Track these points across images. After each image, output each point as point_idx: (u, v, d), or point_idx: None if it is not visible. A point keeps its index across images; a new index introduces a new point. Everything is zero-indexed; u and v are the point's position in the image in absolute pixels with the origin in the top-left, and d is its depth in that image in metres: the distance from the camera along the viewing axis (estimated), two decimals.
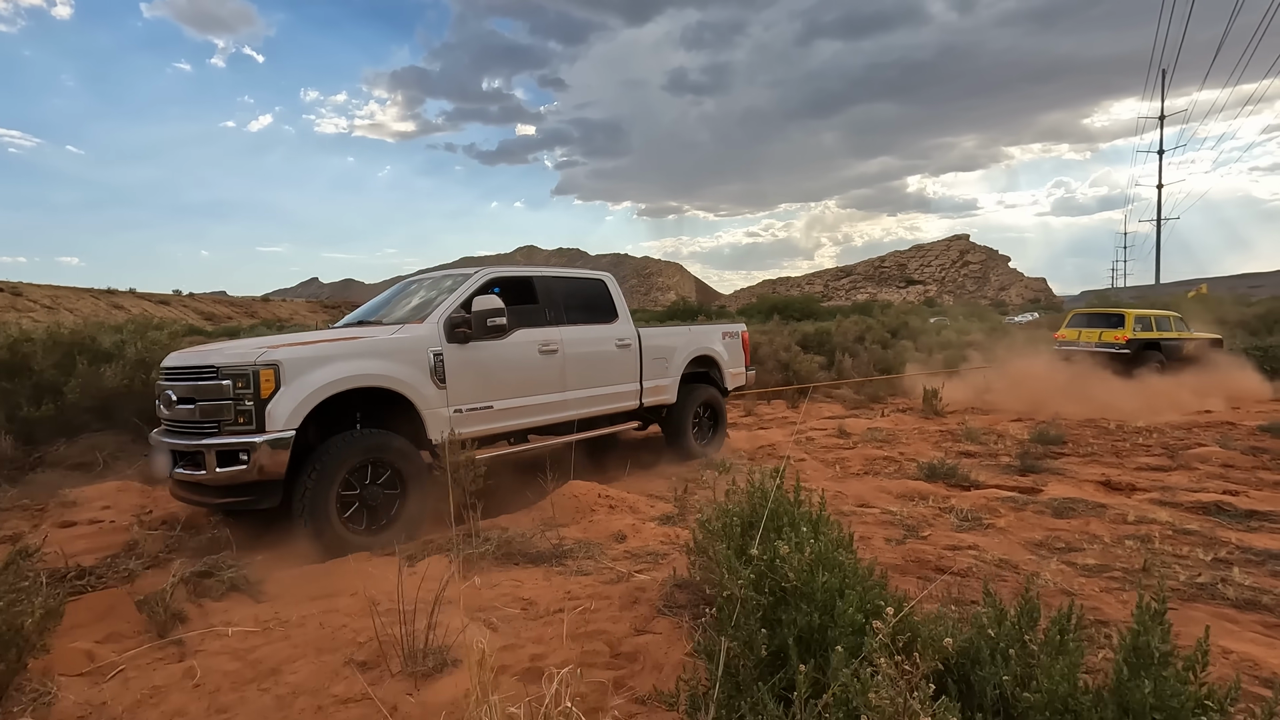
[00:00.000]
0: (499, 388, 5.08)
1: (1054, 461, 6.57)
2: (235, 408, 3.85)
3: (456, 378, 4.74)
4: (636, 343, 6.34)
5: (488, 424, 5.00)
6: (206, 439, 3.88)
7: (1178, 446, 7.17)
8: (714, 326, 7.61)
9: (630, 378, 6.29)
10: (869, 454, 7.07)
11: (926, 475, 5.85)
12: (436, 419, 4.62)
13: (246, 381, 3.85)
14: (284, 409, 3.90)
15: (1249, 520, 4.58)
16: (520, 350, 5.27)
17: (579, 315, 5.92)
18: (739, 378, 7.61)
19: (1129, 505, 4.91)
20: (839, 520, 2.80)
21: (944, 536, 4.29)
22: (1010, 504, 4.95)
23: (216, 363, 3.95)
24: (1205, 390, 11.27)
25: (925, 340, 18.93)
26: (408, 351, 4.55)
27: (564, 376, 5.61)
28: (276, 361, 3.93)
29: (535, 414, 5.40)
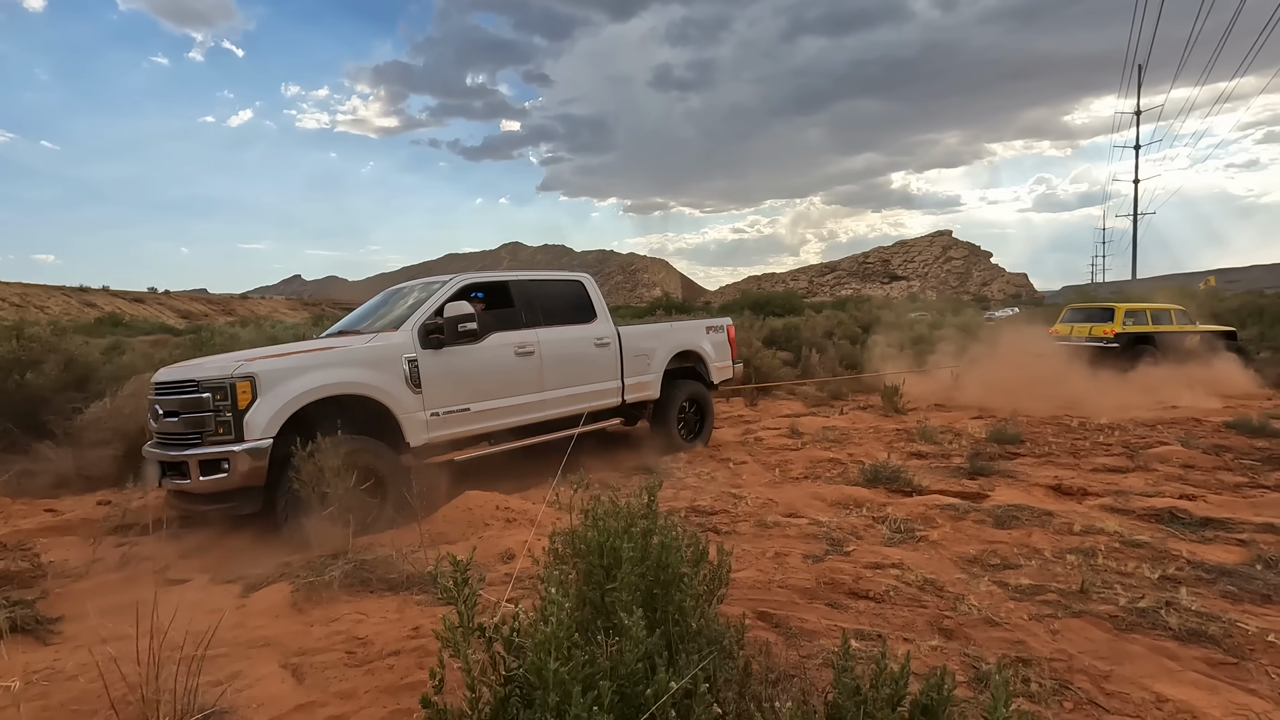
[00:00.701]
0: (475, 391, 5.20)
1: (1007, 463, 6.17)
2: (215, 419, 4.06)
3: (432, 383, 4.90)
4: (616, 341, 6.42)
5: (465, 426, 5.13)
6: (190, 449, 4.08)
7: (1139, 445, 6.81)
8: (698, 322, 7.64)
9: (610, 376, 6.38)
10: (815, 456, 6.64)
11: (867, 480, 5.43)
12: (413, 423, 4.77)
13: (224, 394, 4.05)
14: (261, 418, 4.10)
15: (1203, 529, 4.19)
16: (496, 353, 5.38)
17: (557, 316, 6.02)
18: (725, 372, 7.65)
19: (1077, 513, 4.51)
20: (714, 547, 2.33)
21: (870, 552, 3.86)
22: (950, 512, 4.53)
23: (196, 377, 4.16)
24: (1190, 385, 10.97)
25: (898, 335, 18.61)
26: (382, 359, 4.71)
27: (542, 377, 5.71)
28: (253, 374, 4.13)
29: (513, 415, 5.50)
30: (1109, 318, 13.15)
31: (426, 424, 4.86)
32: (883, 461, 5.65)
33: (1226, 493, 5.05)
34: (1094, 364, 12.42)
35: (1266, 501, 4.68)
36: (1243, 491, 5.06)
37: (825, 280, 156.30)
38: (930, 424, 8.43)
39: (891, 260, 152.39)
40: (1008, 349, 14.89)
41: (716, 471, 6.15)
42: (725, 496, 5.18)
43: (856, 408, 10.25)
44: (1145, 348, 12.71)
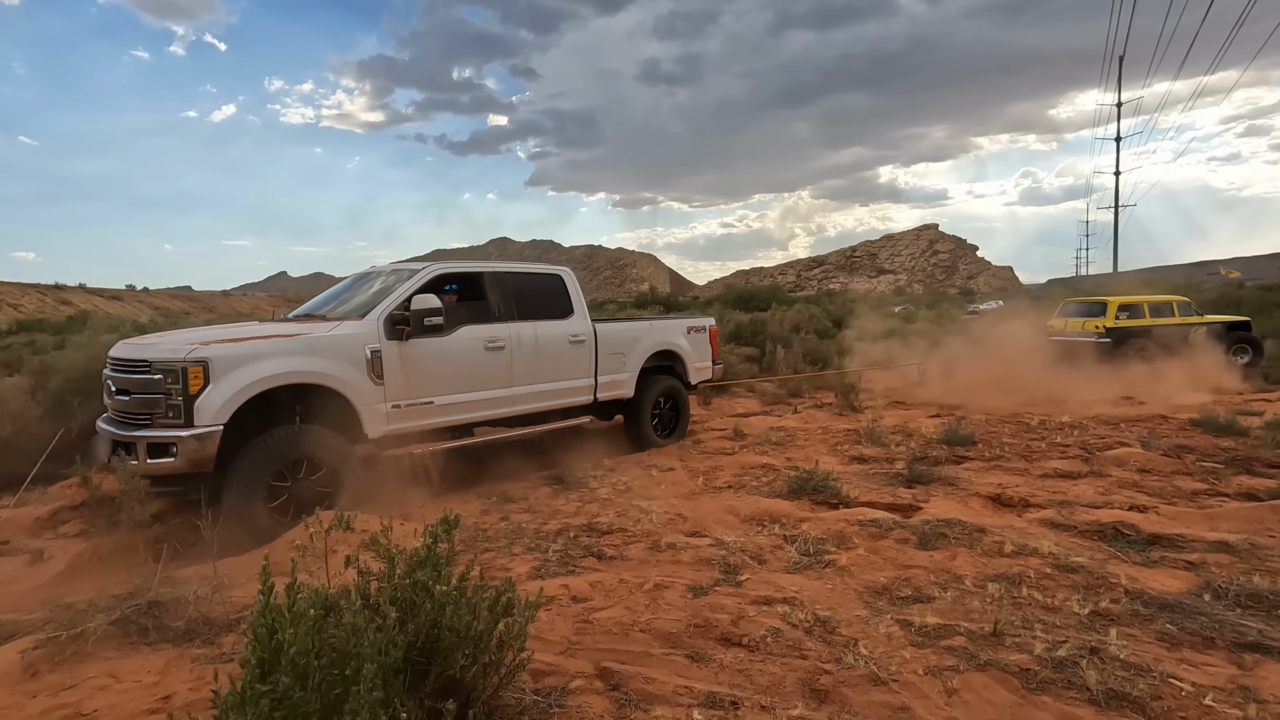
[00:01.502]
0: (440, 384, 5.10)
1: (952, 468, 5.67)
2: (165, 402, 3.97)
3: (395, 374, 4.80)
4: (592, 338, 6.29)
5: (427, 419, 5.03)
6: (139, 430, 4.02)
7: (1097, 446, 6.33)
8: (678, 320, 7.57)
9: (584, 373, 6.26)
10: (749, 461, 6.11)
11: (792, 490, 4.91)
12: (373, 414, 4.69)
13: (176, 377, 3.95)
14: (212, 405, 3.99)
15: (1150, 549, 3.69)
16: (464, 346, 5.26)
17: (531, 311, 5.86)
18: (704, 371, 7.56)
19: (1014, 529, 4.01)
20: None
21: (765, 582, 3.33)
22: (871, 530, 4.01)
23: (149, 357, 4.08)
24: (1174, 379, 10.54)
25: (870, 329, 18.17)
26: (343, 349, 4.59)
27: (511, 372, 5.59)
28: (206, 359, 4.02)
29: (479, 409, 5.41)
30: (1101, 312, 12.81)
31: (387, 416, 4.76)
32: (811, 470, 5.13)
33: (1182, 502, 4.57)
34: (1085, 359, 11.98)
35: (1224, 513, 4.20)
36: (1200, 501, 4.58)
37: (813, 274, 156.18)
38: (883, 424, 7.94)
39: (878, 254, 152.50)
40: (981, 342, 14.47)
41: (637, 479, 5.61)
42: (632, 511, 4.64)
43: (813, 406, 9.75)
44: (1139, 341, 12.28)
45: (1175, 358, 11.62)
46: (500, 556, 3.81)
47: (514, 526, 4.40)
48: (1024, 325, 16.16)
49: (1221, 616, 2.86)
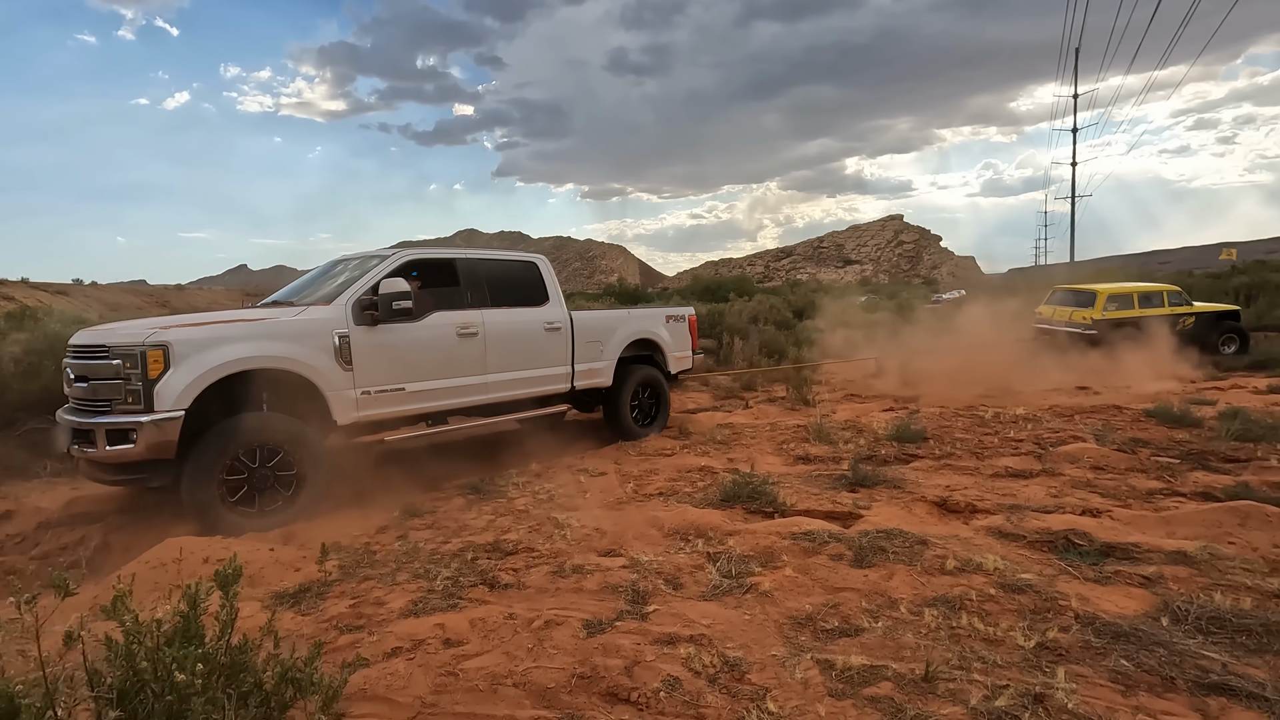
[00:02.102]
0: (411, 370, 5.00)
1: (900, 468, 5.32)
2: (125, 387, 3.89)
3: (364, 360, 4.70)
4: (568, 326, 6.20)
5: (398, 406, 4.95)
6: (98, 417, 3.93)
7: (1051, 441, 6.06)
8: (657, 310, 7.50)
9: (560, 361, 6.16)
10: (687, 464, 5.69)
11: (724, 498, 4.49)
12: (342, 401, 4.59)
13: (134, 361, 3.86)
14: (173, 390, 3.91)
15: (1103, 561, 3.36)
16: (436, 333, 5.18)
17: (506, 298, 5.78)
18: (684, 361, 7.50)
19: (959, 540, 3.64)
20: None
21: (674, 614, 2.89)
22: (804, 544, 3.61)
23: (107, 342, 3.99)
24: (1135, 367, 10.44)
25: (831, 319, 17.96)
26: (309, 333, 4.50)
27: (485, 359, 5.49)
28: (166, 342, 3.93)
29: (452, 396, 5.31)
30: (1090, 303, 12.47)
31: (356, 402, 4.66)
32: (748, 475, 4.72)
33: (1137, 503, 4.27)
34: (1069, 349, 11.77)
35: (1181, 516, 3.89)
36: (1155, 502, 4.28)
37: (781, 265, 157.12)
38: (835, 419, 7.61)
39: (845, 244, 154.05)
40: (940, 332, 14.32)
41: (563, 487, 5.14)
42: (547, 526, 4.17)
43: (766, 400, 9.39)
44: (1127, 333, 12.00)
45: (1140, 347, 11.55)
46: (379, 587, 3.31)
47: (409, 547, 3.90)
48: (983, 314, 16.11)
49: (1182, 646, 2.51)
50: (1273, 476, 4.74)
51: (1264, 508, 3.82)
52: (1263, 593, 2.94)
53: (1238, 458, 5.34)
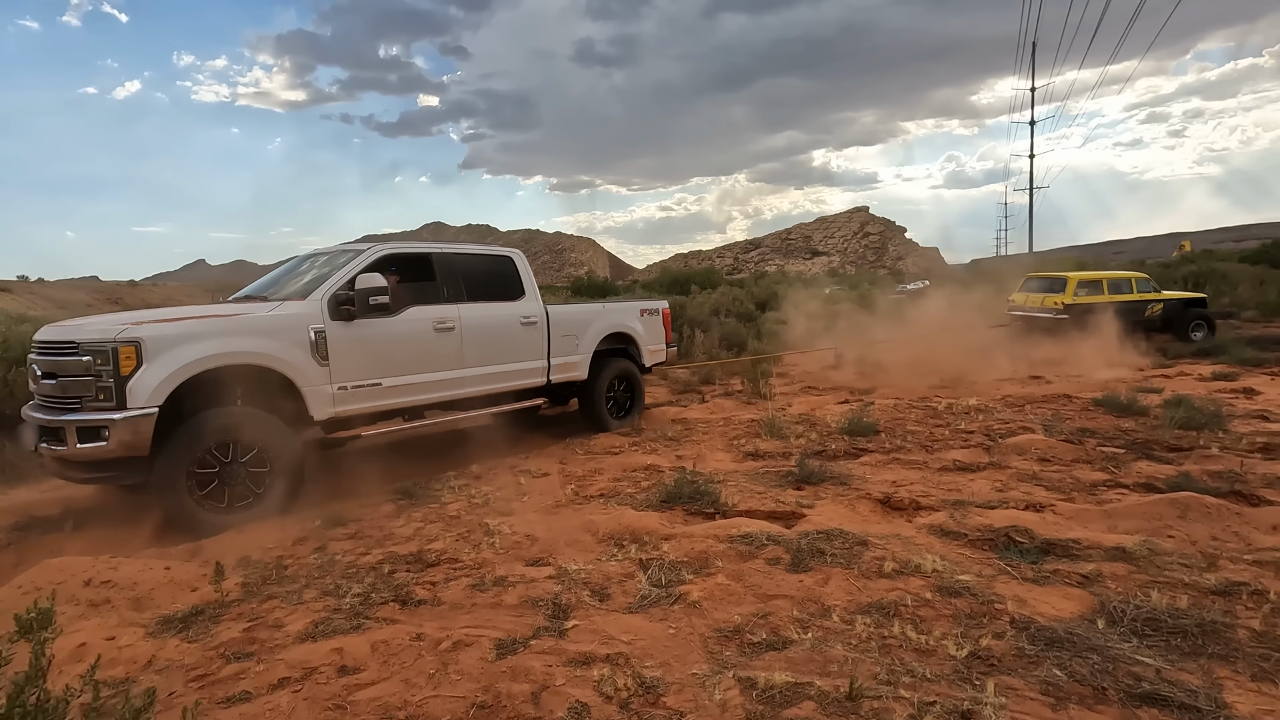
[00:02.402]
0: (388, 365, 4.99)
1: (848, 464, 5.22)
2: (96, 384, 3.82)
3: (340, 355, 4.68)
4: (544, 320, 6.21)
5: (375, 401, 4.94)
6: (69, 414, 3.85)
7: (1000, 432, 6.03)
8: (631, 304, 7.55)
9: (536, 355, 6.17)
10: (633, 462, 5.51)
11: (665, 499, 4.32)
12: (318, 396, 4.57)
13: (106, 358, 3.80)
14: (146, 386, 3.85)
15: (1043, 559, 3.27)
16: (412, 327, 5.16)
17: (482, 292, 5.77)
18: (658, 355, 7.54)
19: (898, 540, 3.52)
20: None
21: (594, 630, 2.71)
22: (741, 548, 3.46)
23: (77, 338, 3.91)
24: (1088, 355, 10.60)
25: (794, 311, 17.97)
26: (285, 329, 4.47)
27: (462, 354, 5.50)
28: (138, 339, 3.87)
29: (429, 391, 5.30)
30: (1061, 288, 12.71)
31: (333, 398, 4.65)
32: (691, 474, 4.56)
33: (1081, 496, 4.22)
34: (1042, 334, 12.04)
35: (1123, 509, 3.84)
36: (1099, 494, 4.23)
37: (750, 257, 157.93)
38: (790, 412, 7.51)
39: (812, 236, 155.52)
40: (900, 323, 14.39)
41: (501, 490, 4.92)
42: (477, 533, 3.95)
43: (723, 394, 9.26)
44: (1098, 317, 12.19)
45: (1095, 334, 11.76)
46: (282, 607, 3.06)
47: (325, 560, 3.64)
48: (943, 304, 16.26)
49: (1116, 651, 2.41)
50: (1213, 465, 4.74)
51: (1203, 499, 3.79)
52: (1199, 590, 2.88)
53: (1181, 446, 5.36)
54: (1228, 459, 4.88)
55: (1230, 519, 3.64)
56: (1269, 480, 4.37)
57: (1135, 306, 12.76)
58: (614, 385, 7.03)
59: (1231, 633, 2.52)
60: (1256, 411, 6.56)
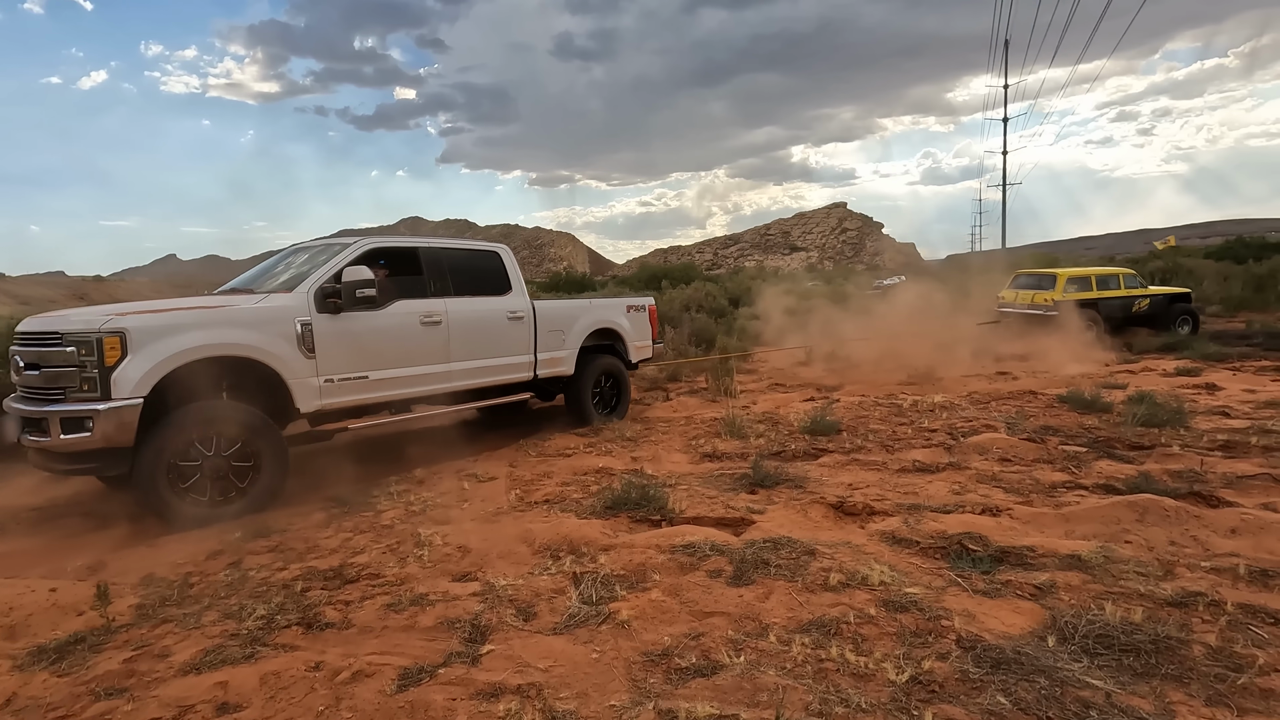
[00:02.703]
0: (375, 358, 5.00)
1: (806, 465, 5.05)
2: (80, 374, 3.79)
3: (327, 348, 4.69)
4: (530, 315, 6.23)
5: (362, 394, 4.95)
6: (52, 405, 3.84)
7: (963, 430, 5.91)
8: (618, 300, 7.57)
9: (523, 349, 6.20)
10: (585, 465, 5.29)
11: (610, 505, 4.10)
12: (305, 389, 4.58)
13: (90, 349, 3.79)
14: (130, 377, 3.84)
15: (996, 569, 3.11)
16: (399, 321, 5.18)
17: (469, 287, 5.79)
18: (645, 351, 7.57)
19: (848, 549, 3.35)
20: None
21: (510, 656, 2.49)
22: (683, 559, 3.26)
23: (60, 329, 3.90)
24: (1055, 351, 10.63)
25: (766, 307, 17.87)
26: (271, 321, 4.47)
27: (449, 348, 5.52)
28: (123, 329, 3.85)
29: (416, 385, 5.31)
30: (1051, 285, 12.82)
31: (319, 390, 4.66)
32: (639, 478, 4.35)
33: (1039, 498, 4.08)
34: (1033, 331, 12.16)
35: (1081, 512, 3.71)
36: (1058, 496, 4.10)
37: (729, 252, 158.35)
38: (754, 410, 7.35)
39: (791, 231, 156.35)
40: (873, 319, 14.32)
41: (443, 495, 4.68)
42: (408, 543, 3.72)
43: (687, 392, 9.07)
44: (1087, 313, 12.34)
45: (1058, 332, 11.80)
46: (175, 632, 2.79)
47: (236, 577, 3.38)
48: (916, 300, 16.23)
49: (1065, 673, 2.24)
50: (1174, 464, 4.65)
51: (1162, 501, 3.67)
52: (1155, 600, 2.73)
53: (1143, 444, 5.27)
54: (1188, 457, 4.79)
55: (1189, 522, 3.52)
56: (1228, 480, 4.28)
57: (1124, 302, 12.91)
58: (600, 381, 7.06)
59: (1186, 649, 2.37)
60: (1218, 408, 6.53)
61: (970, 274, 19.41)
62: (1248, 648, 2.36)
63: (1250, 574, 2.92)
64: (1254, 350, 10.61)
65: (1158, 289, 13.85)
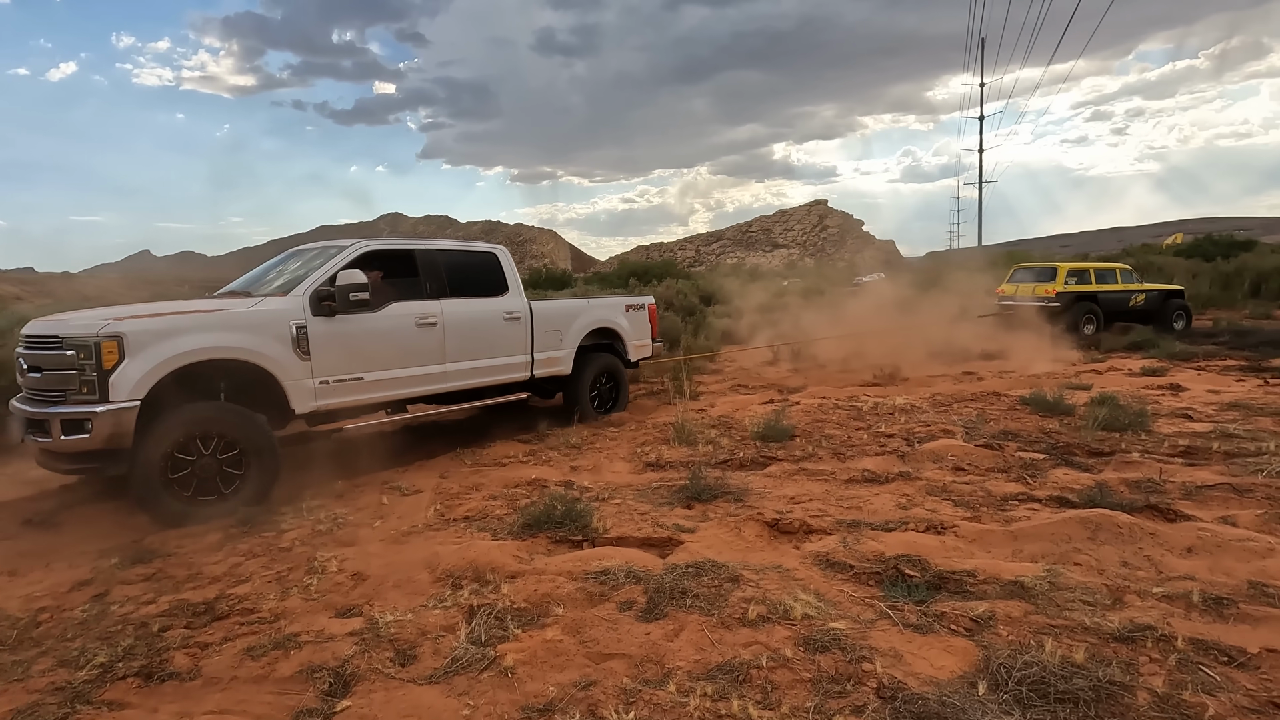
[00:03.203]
0: (370, 360, 5.06)
1: (750, 476, 4.77)
2: (79, 377, 3.88)
3: (322, 350, 4.76)
4: (528, 315, 6.26)
5: (357, 395, 5.02)
6: (53, 407, 3.93)
7: (920, 435, 5.66)
8: (617, 299, 7.60)
9: (520, 349, 6.24)
10: (518, 476, 4.96)
11: (530, 523, 3.78)
12: (300, 390, 4.65)
13: (89, 352, 3.88)
14: (128, 380, 3.93)
15: (933, 597, 2.83)
16: (395, 323, 5.23)
17: (465, 288, 5.83)
18: (644, 350, 7.58)
19: (777, 574, 3.06)
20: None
21: (367, 713, 2.16)
22: (594, 587, 2.95)
23: (60, 333, 4.00)
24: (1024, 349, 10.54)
25: (739, 304, 17.63)
26: (266, 324, 4.54)
27: (444, 349, 5.56)
28: (120, 334, 3.95)
29: (412, 385, 5.37)
30: (1051, 277, 12.90)
31: (315, 391, 4.74)
32: (566, 493, 4.04)
33: (989, 512, 3.83)
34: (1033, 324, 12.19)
35: (1031, 529, 3.45)
36: (1008, 510, 3.85)
37: (712, 249, 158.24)
38: (710, 414, 7.07)
39: (772, 229, 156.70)
40: (845, 317, 14.12)
41: (359, 511, 4.33)
42: (300, 569, 3.37)
43: (646, 393, 8.77)
44: (1086, 306, 12.50)
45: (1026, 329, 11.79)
46: None
47: (94, 613, 3.01)
48: (892, 297, 16.07)
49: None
50: (1132, 473, 4.43)
51: (1115, 517, 3.43)
52: (1101, 635, 2.47)
53: (1102, 450, 5.05)
54: (1148, 465, 4.58)
55: (1143, 540, 3.28)
56: (1187, 490, 4.06)
57: (1122, 296, 13.01)
58: (599, 380, 7.09)
59: (1130, 697, 2.11)
60: (1181, 410, 6.36)
61: (949, 271, 19.35)
62: (1197, 694, 2.11)
63: (1204, 602, 2.68)
64: (1220, 349, 10.55)
65: (1153, 285, 14.02)
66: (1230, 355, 9.90)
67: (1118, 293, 13.03)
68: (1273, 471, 4.28)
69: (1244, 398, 6.79)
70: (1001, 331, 12.07)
